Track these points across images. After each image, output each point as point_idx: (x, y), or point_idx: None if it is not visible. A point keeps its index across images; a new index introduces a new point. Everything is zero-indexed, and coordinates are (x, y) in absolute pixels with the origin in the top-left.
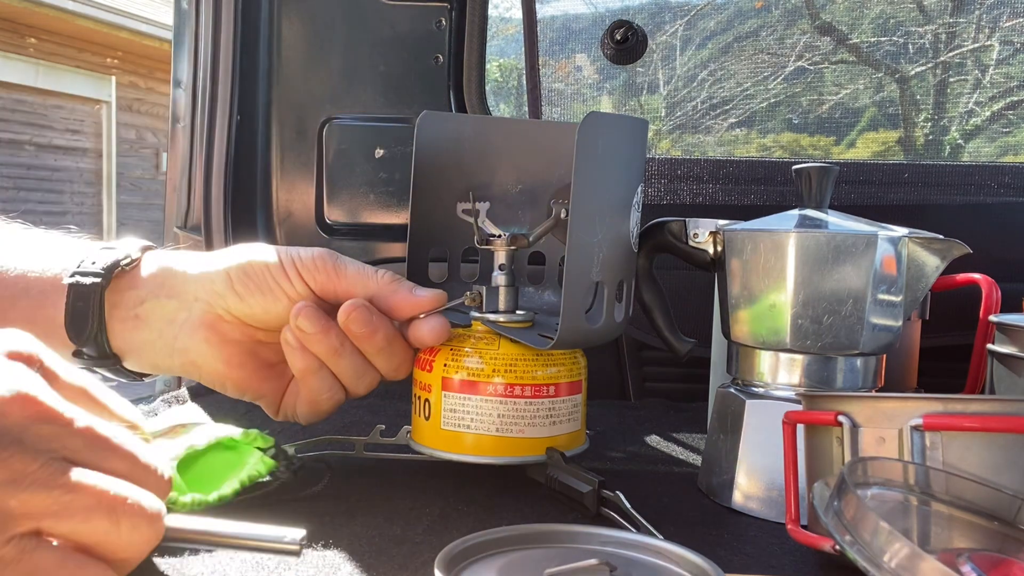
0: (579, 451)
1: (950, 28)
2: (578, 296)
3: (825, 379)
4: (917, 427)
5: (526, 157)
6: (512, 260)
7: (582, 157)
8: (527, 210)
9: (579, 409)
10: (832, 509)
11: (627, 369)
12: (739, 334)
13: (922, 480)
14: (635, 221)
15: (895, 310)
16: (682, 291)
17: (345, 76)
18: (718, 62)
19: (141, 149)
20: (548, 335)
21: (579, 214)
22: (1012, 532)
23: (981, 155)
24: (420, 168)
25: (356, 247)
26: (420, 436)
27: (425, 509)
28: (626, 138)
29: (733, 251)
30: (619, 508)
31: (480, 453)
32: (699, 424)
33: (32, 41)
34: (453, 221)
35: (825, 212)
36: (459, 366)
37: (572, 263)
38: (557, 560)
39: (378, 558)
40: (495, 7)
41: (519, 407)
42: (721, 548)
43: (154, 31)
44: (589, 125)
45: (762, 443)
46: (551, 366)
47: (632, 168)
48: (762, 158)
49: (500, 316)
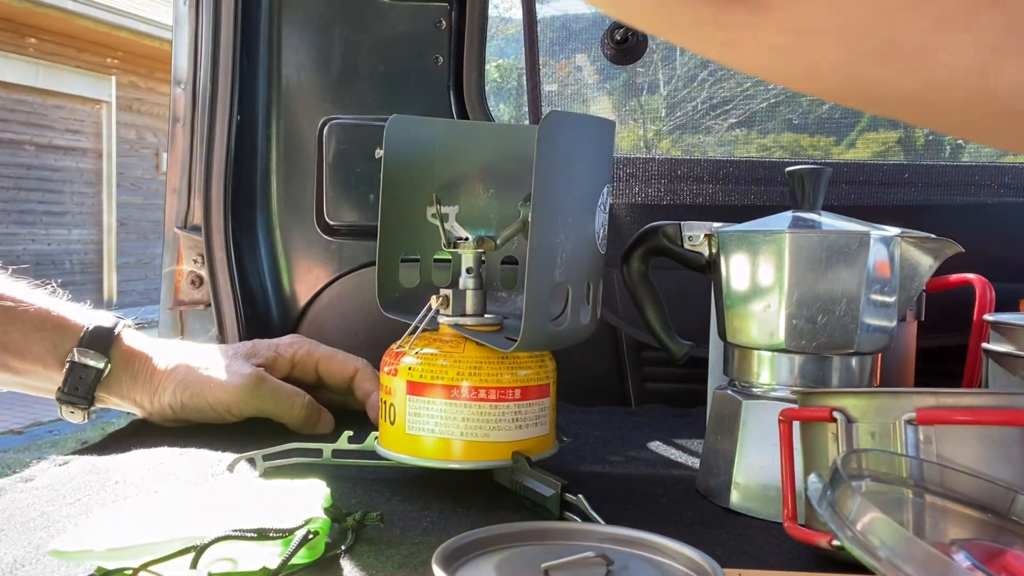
0: (548, 455)
1: None
2: (541, 297)
3: (821, 379)
4: (911, 421)
5: (497, 160)
6: (480, 263)
7: (543, 156)
8: (498, 213)
9: (547, 413)
10: (826, 500)
11: (627, 370)
12: (735, 335)
13: (916, 473)
14: (602, 222)
15: (889, 310)
16: (679, 293)
17: (345, 76)
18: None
19: (141, 149)
20: (514, 338)
21: (541, 214)
22: (1005, 523)
23: (981, 155)
24: (390, 172)
25: (356, 247)
26: (386, 441)
27: (424, 511)
28: (590, 138)
29: (727, 253)
30: (582, 512)
31: (445, 458)
32: (698, 429)
33: (32, 41)
34: (424, 224)
35: (818, 213)
36: (423, 369)
37: (534, 264)
38: (555, 556)
39: (378, 558)
40: (495, 7)
41: (484, 411)
42: (719, 546)
43: (154, 31)
44: (549, 124)
45: (759, 443)
46: (517, 369)
47: (598, 168)
48: (762, 158)
49: (467, 319)
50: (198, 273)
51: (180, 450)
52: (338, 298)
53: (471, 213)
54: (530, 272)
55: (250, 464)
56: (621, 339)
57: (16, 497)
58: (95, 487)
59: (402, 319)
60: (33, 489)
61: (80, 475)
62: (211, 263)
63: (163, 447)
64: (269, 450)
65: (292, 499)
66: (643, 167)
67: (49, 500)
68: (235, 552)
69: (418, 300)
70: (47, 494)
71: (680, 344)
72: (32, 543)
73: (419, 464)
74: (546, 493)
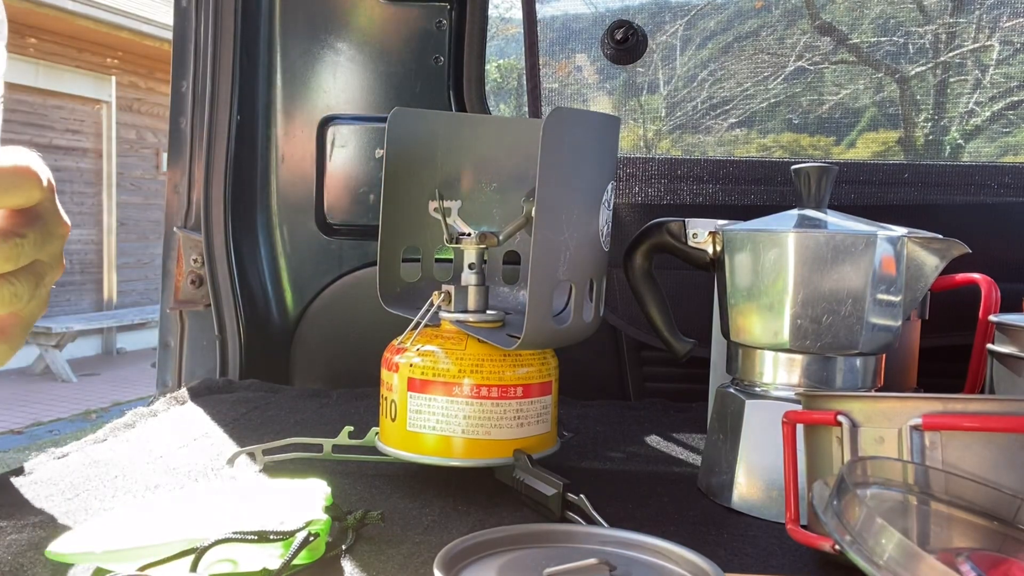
0: (549, 453)
1: (950, 28)
2: (544, 295)
3: (824, 379)
4: (916, 427)
5: (501, 155)
6: (483, 259)
7: (547, 153)
8: (501, 208)
9: (548, 411)
10: (832, 509)
11: (627, 369)
12: (738, 334)
13: (921, 480)
14: (605, 219)
15: (894, 310)
16: (681, 291)
17: (345, 76)
18: (718, 62)
19: (141, 149)
20: (516, 335)
21: (545, 211)
22: (1011, 532)
23: (981, 155)
24: (392, 165)
25: (356, 247)
26: (387, 438)
27: (425, 509)
28: (595, 135)
29: (732, 251)
30: (583, 512)
31: (446, 455)
32: (699, 424)
33: (32, 41)
34: (426, 219)
35: (824, 212)
36: (425, 367)
37: (538, 261)
38: (556, 560)
39: (378, 558)
40: (495, 7)
41: (486, 408)
42: (721, 548)
43: (154, 31)
44: (554, 120)
45: (762, 443)
46: (520, 367)
47: (602, 165)
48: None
49: (469, 316)
50: (198, 273)
51: (180, 443)
52: (338, 298)
53: (473, 208)
54: (533, 269)
55: (250, 458)
56: (621, 338)
57: (15, 492)
58: (94, 482)
59: (404, 314)
60: (32, 484)
61: (79, 469)
62: (211, 263)
63: (162, 441)
64: (269, 445)
65: (293, 499)
66: (643, 167)
67: (48, 495)
68: (235, 553)
69: (420, 295)
70: (46, 488)
71: (683, 342)
72: (31, 541)
73: (420, 461)
74: (548, 493)
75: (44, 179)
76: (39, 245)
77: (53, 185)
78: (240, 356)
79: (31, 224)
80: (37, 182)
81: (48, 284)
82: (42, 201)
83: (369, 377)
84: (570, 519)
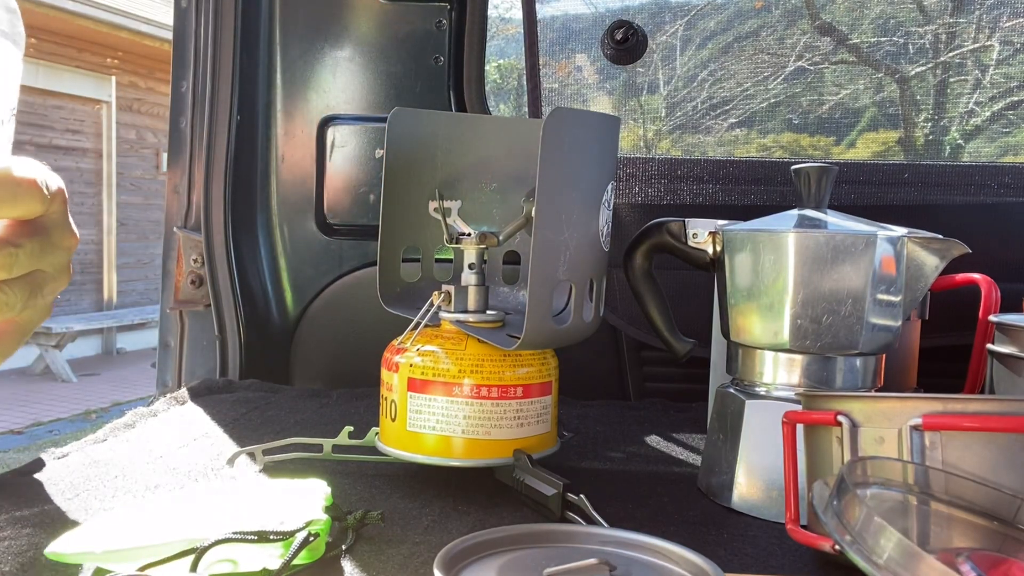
0: (549, 453)
1: (950, 28)
2: (544, 295)
3: (824, 379)
4: (916, 427)
5: (501, 155)
6: (483, 259)
7: (547, 153)
8: (501, 208)
9: (548, 411)
10: (832, 509)
11: (627, 369)
12: (738, 334)
13: (921, 480)
14: (605, 219)
15: (894, 310)
16: (681, 291)
17: (345, 76)
18: (718, 62)
19: (141, 149)
20: (516, 335)
21: (545, 211)
22: (1011, 532)
23: (981, 155)
24: (392, 165)
25: (356, 247)
26: (387, 438)
27: (425, 509)
28: (595, 135)
29: (732, 251)
30: (583, 512)
31: (446, 455)
32: (699, 424)
33: (32, 41)
34: (426, 219)
35: (824, 212)
36: (425, 367)
37: (538, 261)
38: (556, 560)
39: (378, 558)
40: (495, 7)
41: (486, 408)
42: (721, 548)
43: (154, 31)
44: (554, 120)
45: (762, 443)
46: (520, 367)
47: (602, 165)
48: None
49: (469, 316)
50: (198, 273)
51: (180, 443)
52: (338, 298)
53: (473, 208)
54: (533, 269)
55: (250, 458)
56: (621, 338)
57: (15, 492)
58: (94, 482)
59: (404, 314)
60: (32, 484)
61: (79, 469)
62: (211, 263)
63: (162, 441)
64: (269, 445)
65: (293, 499)
66: (643, 167)
67: (48, 495)
68: (235, 553)
69: (420, 295)
70: (46, 489)
71: (683, 342)
72: (31, 542)
73: (420, 461)
74: (548, 493)
75: (49, 192)
76: (37, 255)
77: (65, 197)
78: (240, 356)
79: (31, 235)
80: (39, 195)
81: (50, 294)
82: (47, 213)
83: (369, 377)
84: (570, 519)
